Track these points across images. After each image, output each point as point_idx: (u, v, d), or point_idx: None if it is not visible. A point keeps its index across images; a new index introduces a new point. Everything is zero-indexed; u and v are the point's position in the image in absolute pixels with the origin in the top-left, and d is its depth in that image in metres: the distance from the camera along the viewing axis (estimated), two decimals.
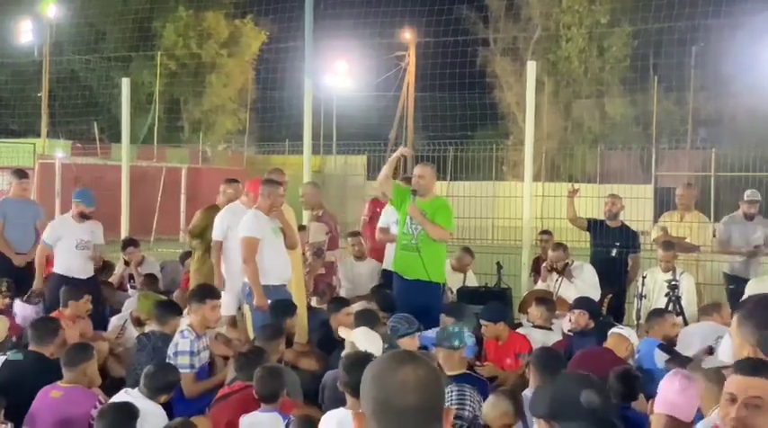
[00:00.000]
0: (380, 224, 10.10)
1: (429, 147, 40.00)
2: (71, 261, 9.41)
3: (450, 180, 35.01)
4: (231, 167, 33.95)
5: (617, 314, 9.39)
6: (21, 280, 9.90)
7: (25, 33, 36.31)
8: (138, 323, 8.49)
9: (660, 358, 6.74)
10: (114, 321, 8.19)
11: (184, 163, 31.11)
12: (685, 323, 8.20)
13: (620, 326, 6.79)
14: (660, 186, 29.29)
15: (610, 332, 6.59)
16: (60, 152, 32.43)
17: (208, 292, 7.11)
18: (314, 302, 9.53)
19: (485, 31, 40.27)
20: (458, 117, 37.42)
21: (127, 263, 10.71)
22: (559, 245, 9.52)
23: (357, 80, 43.12)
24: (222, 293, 7.92)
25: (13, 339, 7.61)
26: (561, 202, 11.26)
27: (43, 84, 34.66)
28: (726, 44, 35.01)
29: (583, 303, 7.61)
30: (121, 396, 5.53)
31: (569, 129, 40.34)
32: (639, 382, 5.59)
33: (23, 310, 8.67)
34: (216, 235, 8.82)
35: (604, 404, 3.06)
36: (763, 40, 32.49)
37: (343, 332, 6.31)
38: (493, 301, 8.47)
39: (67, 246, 9.44)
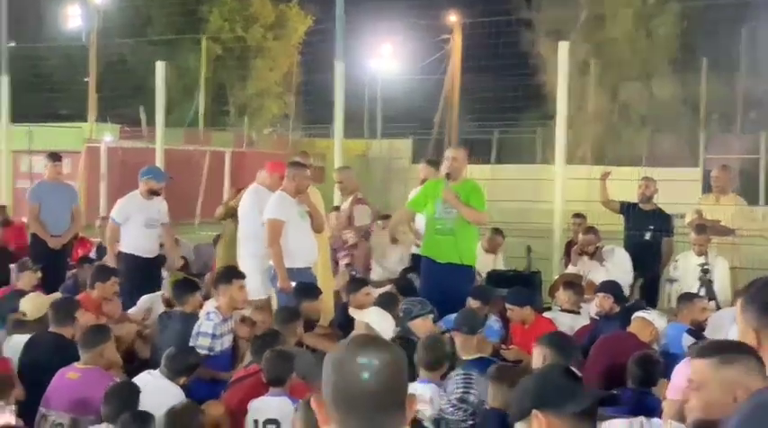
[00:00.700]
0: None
1: (474, 131, 40.08)
2: (140, 240, 9.42)
3: (495, 163, 34.98)
4: (276, 151, 34.06)
5: (650, 298, 9.24)
6: (56, 263, 10.03)
7: (73, 18, 36.69)
8: (169, 304, 8.50)
9: (688, 343, 6.62)
10: (141, 302, 8.22)
11: (230, 147, 31.25)
12: (717, 307, 8.06)
13: (645, 310, 6.66)
14: (708, 169, 28.83)
15: (633, 316, 6.48)
16: (108, 136, 32.80)
17: (234, 273, 7.11)
18: None
19: (529, 13, 39.90)
20: (502, 100, 37.22)
21: (160, 245, 10.75)
22: (590, 229, 9.40)
23: (402, 63, 43.01)
24: (249, 276, 7.91)
25: None
26: (612, 185, 11.14)
27: (90, 69, 34.97)
28: None
29: (607, 287, 7.50)
30: (143, 376, 5.56)
31: (616, 111, 39.86)
32: (659, 367, 5.50)
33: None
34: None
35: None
36: None
37: (354, 312, 6.27)
38: (519, 285, 8.41)
39: (137, 225, 9.42)
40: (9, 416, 4.10)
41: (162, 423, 4.77)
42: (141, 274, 9.00)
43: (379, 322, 5.94)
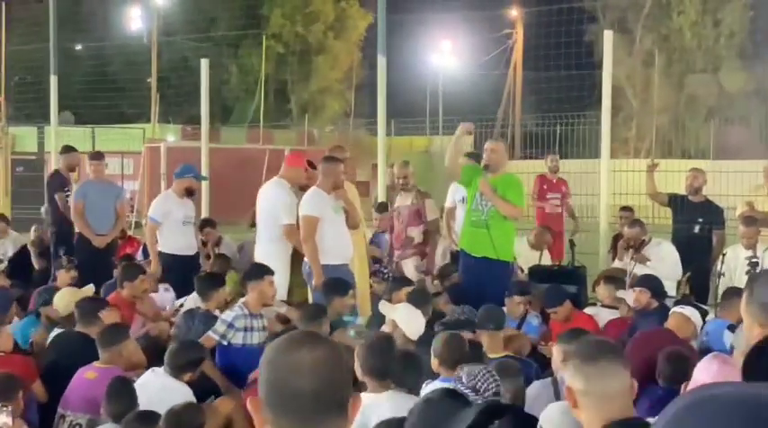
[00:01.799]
0: (447, 204, 9.90)
1: (537, 125, 39.69)
2: (179, 238, 9.46)
3: (559, 158, 34.50)
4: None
5: (700, 293, 8.94)
6: (101, 262, 10.05)
7: (134, 20, 37.14)
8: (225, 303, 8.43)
9: (730, 340, 6.35)
10: (175, 301, 8.18)
11: (291, 145, 31.33)
12: None
13: (682, 306, 6.41)
14: None
15: (671, 311, 6.25)
16: (170, 136, 33.15)
17: (265, 269, 7.04)
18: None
19: (593, 4, 39.34)
20: (566, 94, 36.75)
21: (204, 244, 10.75)
22: (636, 222, 9.12)
23: (464, 58, 42.73)
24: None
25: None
26: (673, 178, 10.83)
27: (152, 70, 35.37)
28: None
29: (645, 281, 7.23)
30: (147, 375, 5.48)
31: (682, 103, 39.12)
32: (689, 364, 5.26)
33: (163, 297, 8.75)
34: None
35: None
36: None
37: (384, 308, 6.13)
38: (560, 281, 8.19)
39: (175, 223, 9.46)
40: (5, 418, 4.04)
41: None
42: (182, 272, 8.94)
43: (407, 320, 5.79)
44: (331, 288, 7.34)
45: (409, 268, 9.45)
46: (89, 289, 7.16)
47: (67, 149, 11.41)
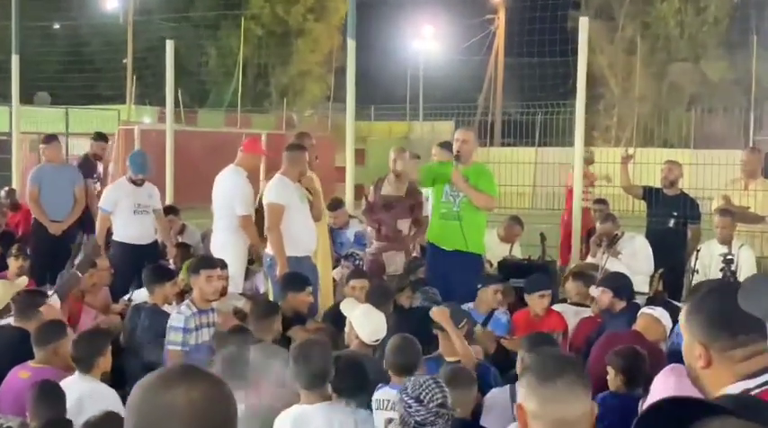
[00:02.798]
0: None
1: (518, 113, 39.45)
2: (129, 227, 9.11)
3: (539, 145, 34.35)
4: (316, 133, 33.69)
5: (674, 289, 8.67)
6: (58, 250, 9.67)
7: (111, 0, 36.60)
8: (180, 294, 8.06)
9: None
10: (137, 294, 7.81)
11: (270, 129, 30.97)
12: None
13: (652, 307, 6.12)
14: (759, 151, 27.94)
15: (639, 312, 5.96)
16: (147, 118, 32.68)
17: (204, 263, 6.68)
18: None
19: None
20: (547, 81, 36.46)
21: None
22: (608, 216, 8.85)
23: (445, 44, 42.36)
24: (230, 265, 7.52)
25: None
26: (655, 169, 10.48)
27: (128, 50, 34.89)
28: None
29: (607, 280, 6.93)
30: (73, 378, 5.10)
31: (664, 91, 38.93)
32: (644, 365, 5.00)
33: None
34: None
35: None
36: None
37: (345, 308, 5.81)
38: (536, 273, 7.93)
39: (125, 211, 9.12)
40: None
41: None
42: (133, 263, 8.58)
43: (361, 322, 5.48)
44: (287, 282, 7.03)
45: (397, 262, 9.01)
46: (22, 282, 6.79)
47: (97, 137, 11.30)
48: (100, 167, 11.26)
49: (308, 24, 41.00)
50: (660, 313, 5.90)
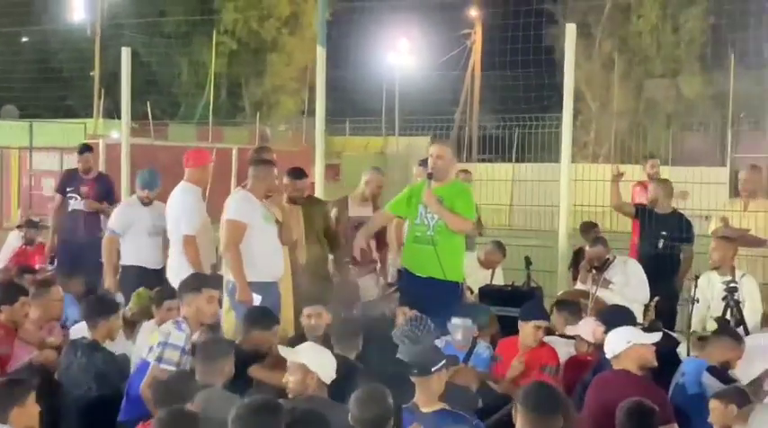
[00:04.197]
0: None
1: (495, 128, 39.00)
2: (143, 250, 8.42)
3: (516, 161, 33.87)
4: (290, 148, 33.04)
5: (667, 319, 8.05)
6: None
7: (77, 11, 35.86)
8: (131, 324, 7.30)
9: (709, 383, 5.45)
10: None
11: (243, 144, 30.26)
12: (746, 334, 6.86)
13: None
14: (736, 169, 27.62)
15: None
16: (116, 132, 31.88)
17: (206, 280, 6.07)
18: None
19: (553, 7, 38.69)
20: (524, 96, 36.03)
21: None
22: (598, 240, 8.20)
23: (422, 59, 41.87)
24: None
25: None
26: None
27: (95, 63, 34.15)
28: None
29: (603, 313, 6.26)
30: None
31: (641, 107, 38.61)
32: (654, 419, 4.36)
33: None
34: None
35: None
36: None
37: (286, 353, 5.08)
38: (534, 300, 7.35)
39: (139, 234, 8.45)
40: None
41: None
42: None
43: (320, 362, 4.82)
44: (254, 318, 6.29)
45: (369, 286, 8.35)
46: None
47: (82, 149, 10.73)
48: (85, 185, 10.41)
49: (282, 38, 40.43)
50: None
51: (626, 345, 5.05)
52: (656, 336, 5.17)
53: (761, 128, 33.63)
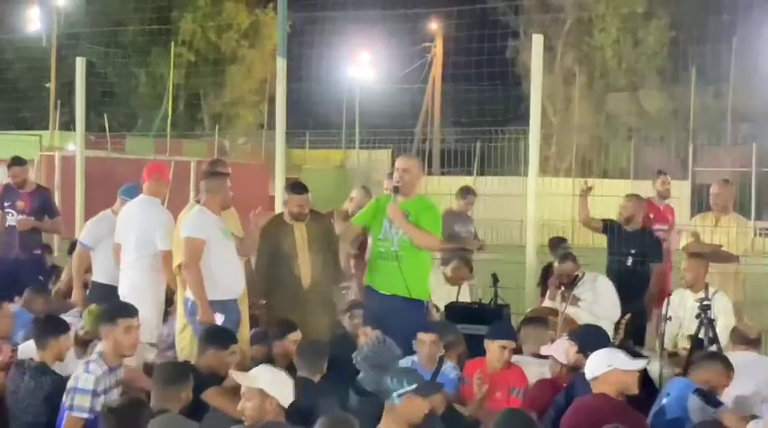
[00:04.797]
0: None
1: (457, 141, 38.98)
2: (113, 266, 7.89)
3: (477, 175, 33.82)
4: (249, 161, 32.73)
5: (637, 338, 7.86)
6: None
7: (33, 22, 35.34)
8: (83, 343, 6.94)
9: (695, 407, 5.22)
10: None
11: (202, 157, 29.88)
12: (720, 352, 6.65)
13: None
14: (698, 183, 27.74)
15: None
16: (72, 145, 31.34)
17: (120, 310, 5.73)
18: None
19: (514, 20, 38.78)
20: (486, 110, 35.99)
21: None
22: (567, 256, 7.99)
23: (383, 72, 41.76)
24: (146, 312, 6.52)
25: None
26: (597, 201, 9.56)
27: (51, 75, 33.66)
28: (766, 34, 33.43)
29: (575, 333, 6.02)
30: None
31: (602, 122, 38.74)
32: None
33: None
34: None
35: None
36: None
37: (240, 378, 4.77)
38: (503, 319, 7.11)
39: (111, 249, 7.92)
40: None
41: None
42: None
43: (279, 386, 4.54)
44: (209, 337, 6.00)
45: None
46: None
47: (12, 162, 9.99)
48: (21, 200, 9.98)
49: (241, 50, 40.19)
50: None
51: (606, 369, 4.82)
52: (642, 364, 4.93)
53: (721, 141, 33.86)
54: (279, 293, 7.44)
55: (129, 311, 5.78)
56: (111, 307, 5.91)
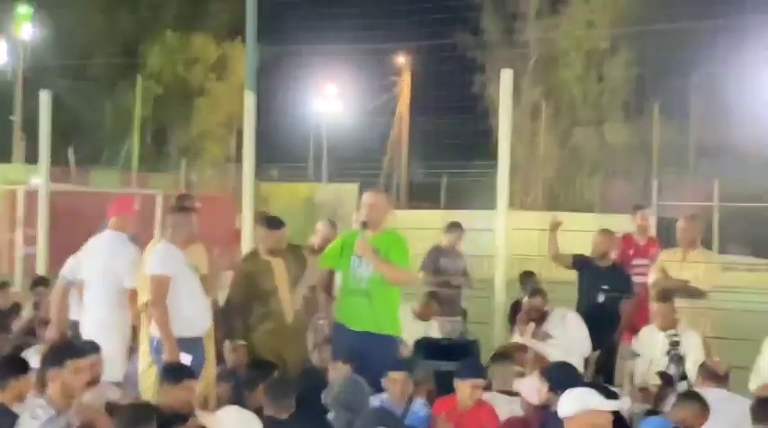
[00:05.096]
0: None
1: (423, 175, 39.05)
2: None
3: (444, 208, 33.89)
4: (216, 194, 32.53)
5: (607, 374, 7.83)
6: None
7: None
8: (43, 384, 6.79)
9: None
10: None
11: (169, 190, 29.65)
12: (690, 388, 6.64)
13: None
14: (661, 217, 27.90)
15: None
16: (37, 178, 31.00)
17: (68, 351, 5.60)
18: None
19: (480, 56, 39.05)
20: (453, 143, 36.15)
21: (37, 306, 9.15)
22: (537, 291, 7.95)
23: (350, 105, 41.84)
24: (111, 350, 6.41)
25: None
26: (562, 235, 9.49)
27: (16, 107, 33.39)
28: (729, 71, 33.87)
29: (546, 370, 5.98)
30: None
31: (567, 156, 38.99)
32: None
33: None
34: None
35: None
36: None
37: (205, 417, 4.69)
38: (470, 357, 7.03)
39: None
40: None
41: None
42: None
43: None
44: (164, 372, 5.92)
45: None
46: None
47: None
48: None
49: (209, 84, 40.03)
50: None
51: (581, 408, 4.76)
52: (616, 404, 4.88)
53: (684, 176, 34.14)
54: (262, 331, 7.36)
55: (79, 351, 5.65)
56: (58, 348, 5.78)
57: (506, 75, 8.34)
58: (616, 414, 5.99)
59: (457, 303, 9.20)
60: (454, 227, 10.15)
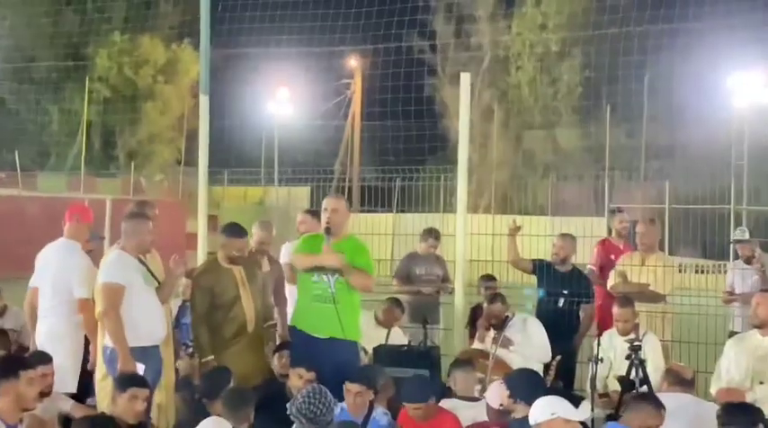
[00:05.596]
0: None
1: (376, 178, 38.98)
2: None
3: (397, 212, 33.86)
4: (166, 199, 32.18)
5: (567, 379, 7.79)
6: None
7: None
8: None
9: None
10: None
11: (116, 194, 29.25)
12: (651, 392, 6.62)
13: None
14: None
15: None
16: None
17: (19, 363, 5.44)
18: None
19: (432, 59, 39.11)
20: (406, 147, 36.08)
21: None
22: (496, 297, 7.88)
23: (302, 108, 41.63)
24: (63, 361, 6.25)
25: None
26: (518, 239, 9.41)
27: None
28: (679, 73, 34.22)
29: (508, 378, 5.91)
30: None
31: (520, 158, 39.17)
32: None
33: None
34: None
35: None
36: (718, 71, 31.63)
37: None
38: (414, 376, 6.84)
39: None
40: None
41: None
42: None
43: None
44: (116, 382, 5.75)
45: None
46: None
47: None
48: None
49: (157, 86, 39.65)
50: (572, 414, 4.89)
51: (549, 416, 4.71)
52: (585, 414, 4.84)
53: (635, 178, 34.44)
54: (222, 340, 7.20)
55: (28, 361, 5.50)
56: (9, 359, 5.63)
57: (465, 79, 8.30)
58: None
59: (433, 309, 9.07)
60: (428, 233, 9.87)
